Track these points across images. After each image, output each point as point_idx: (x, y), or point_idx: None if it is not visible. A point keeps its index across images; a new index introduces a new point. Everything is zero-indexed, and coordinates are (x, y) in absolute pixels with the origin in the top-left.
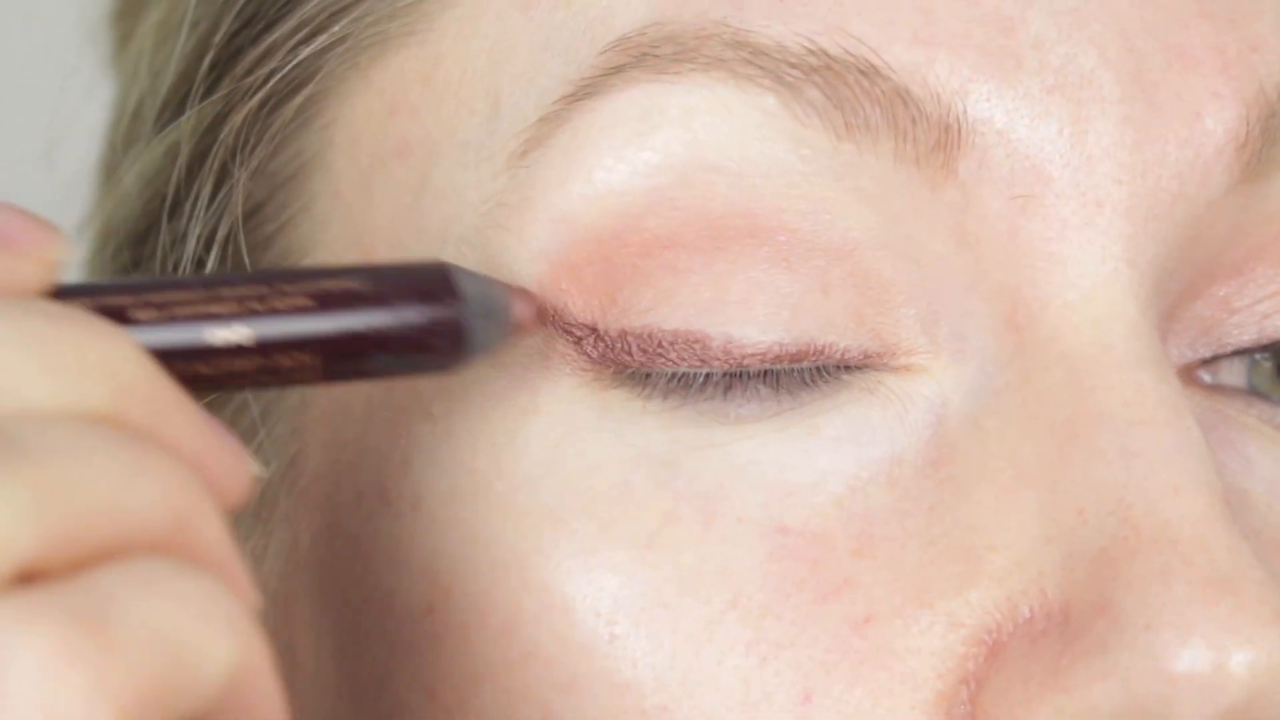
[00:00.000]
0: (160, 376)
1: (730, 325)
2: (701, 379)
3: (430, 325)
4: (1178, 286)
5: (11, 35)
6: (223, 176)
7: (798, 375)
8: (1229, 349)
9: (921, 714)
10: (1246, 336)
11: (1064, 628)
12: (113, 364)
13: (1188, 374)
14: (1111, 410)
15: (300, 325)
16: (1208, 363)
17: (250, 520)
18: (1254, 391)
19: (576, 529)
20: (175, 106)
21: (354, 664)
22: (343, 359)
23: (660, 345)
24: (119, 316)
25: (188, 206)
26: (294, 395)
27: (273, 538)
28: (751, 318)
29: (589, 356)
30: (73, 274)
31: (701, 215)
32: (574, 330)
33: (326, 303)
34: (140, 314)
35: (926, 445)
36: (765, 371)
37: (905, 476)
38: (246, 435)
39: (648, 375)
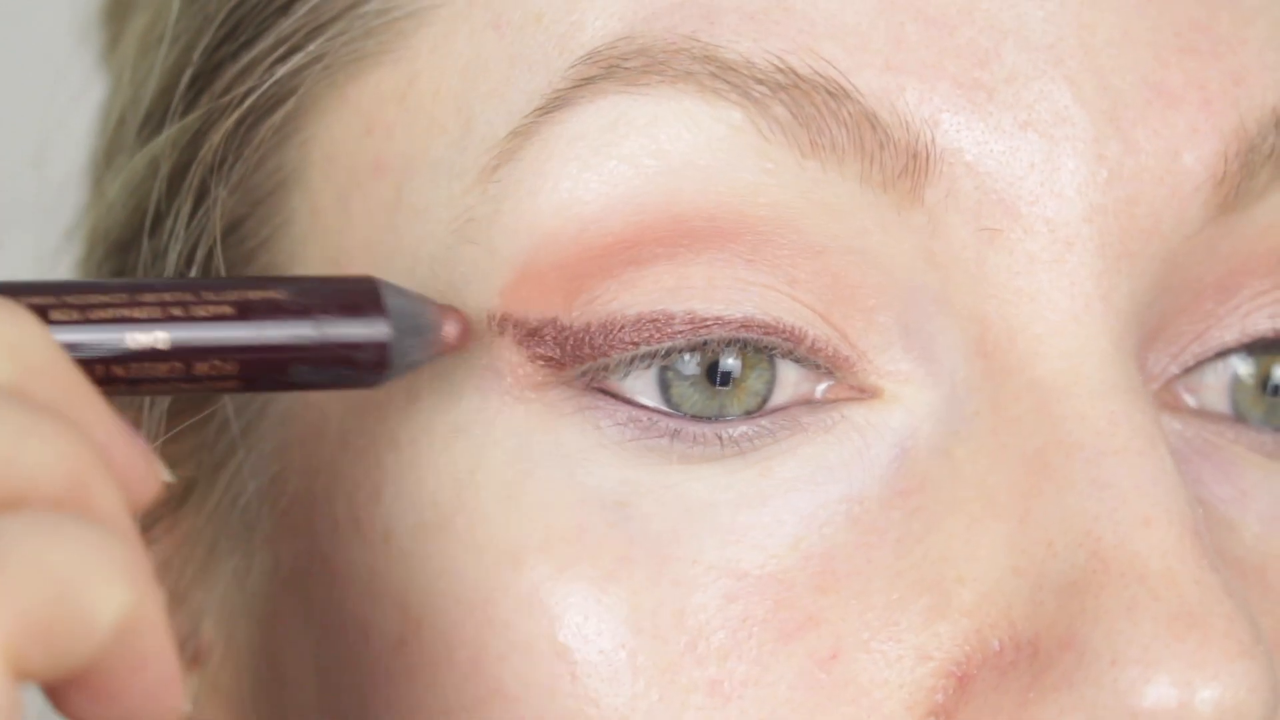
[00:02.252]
0: (68, 366)
1: (694, 302)
2: (651, 424)
3: (352, 340)
4: (1158, 311)
5: (3, 34)
6: (203, 193)
7: (752, 425)
8: (1211, 352)
9: None
10: (1229, 336)
11: (1033, 660)
12: (19, 344)
13: (1169, 394)
14: (1082, 440)
15: (219, 333)
16: (1190, 372)
17: (233, 538)
18: (1238, 417)
19: (534, 568)
20: (157, 119)
21: (334, 687)
22: (261, 369)
23: (621, 328)
24: (38, 316)
25: (168, 223)
26: (275, 414)
27: (255, 556)
28: (715, 298)
29: (545, 361)
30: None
31: (665, 218)
32: (533, 331)
33: (248, 312)
34: (58, 314)
35: (893, 477)
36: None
37: (868, 512)
38: (226, 453)
39: (602, 394)
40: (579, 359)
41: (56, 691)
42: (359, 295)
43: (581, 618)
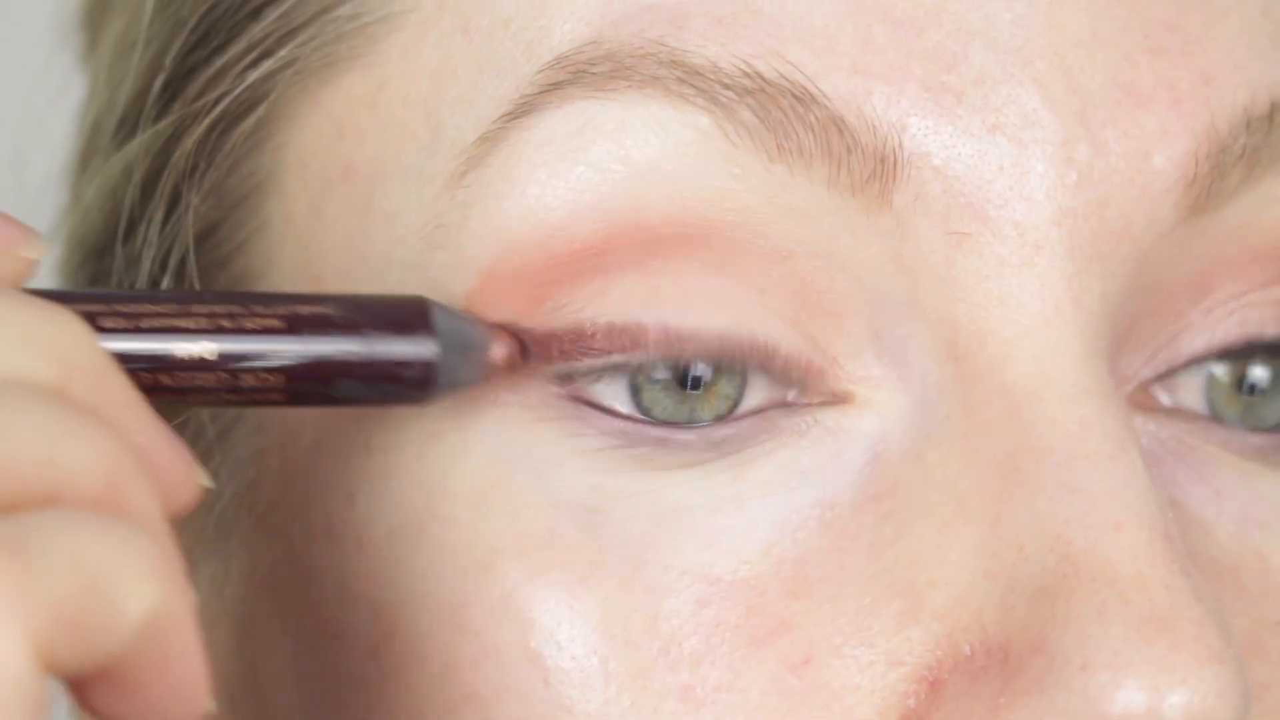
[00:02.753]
0: (112, 369)
1: (667, 316)
2: (626, 431)
3: (400, 357)
4: (1130, 312)
5: None
6: (175, 199)
7: (730, 427)
8: (1184, 358)
9: None
10: (1199, 343)
11: (1004, 665)
12: (64, 346)
13: (1144, 395)
14: (1053, 444)
15: (267, 345)
16: (1164, 376)
17: (209, 544)
18: (1213, 417)
19: (506, 573)
20: (131, 124)
21: (311, 693)
22: (308, 382)
23: (591, 335)
24: (88, 322)
25: (142, 229)
26: (251, 420)
27: (233, 562)
28: (689, 309)
29: (515, 361)
30: (45, 279)
31: (632, 224)
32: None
33: (297, 326)
34: (108, 322)
35: (865, 481)
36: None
37: (841, 516)
38: (203, 457)
39: (575, 401)
40: (545, 359)
41: (82, 686)
42: (408, 314)
43: (554, 624)
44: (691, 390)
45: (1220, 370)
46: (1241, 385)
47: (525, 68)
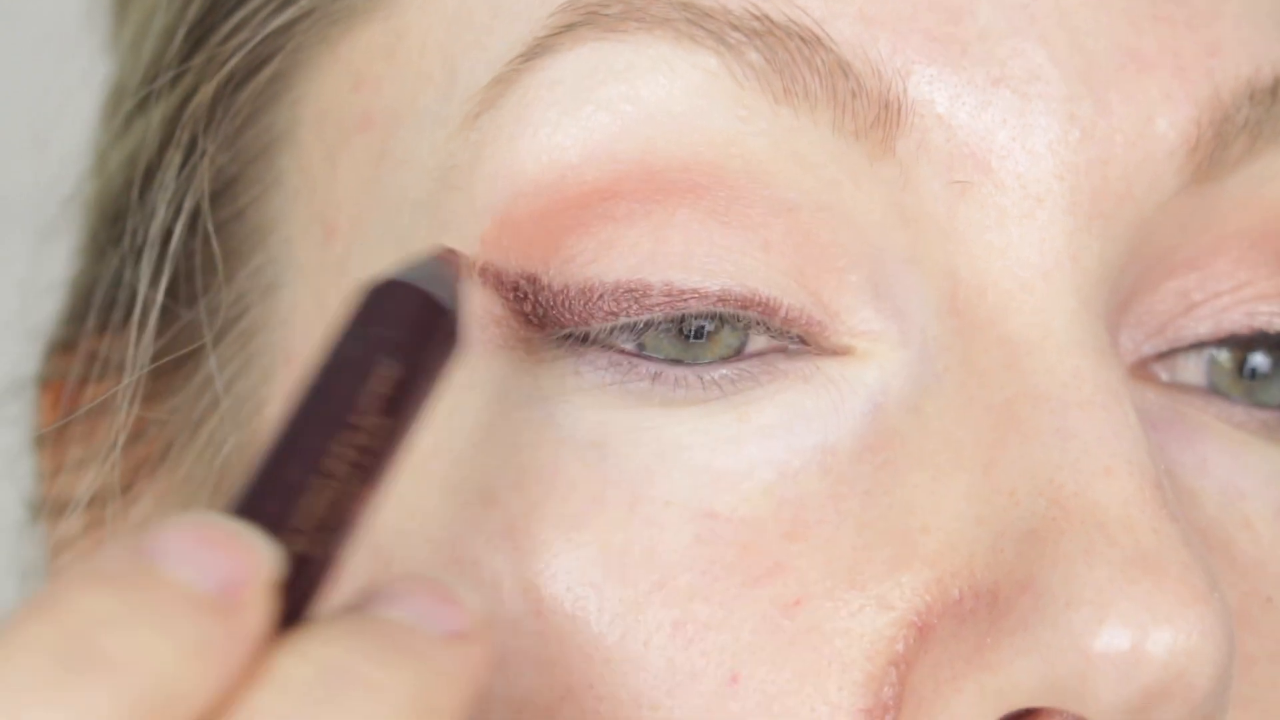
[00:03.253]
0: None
1: (671, 272)
2: (631, 368)
3: (443, 345)
4: (1130, 281)
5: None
6: (191, 149)
7: (731, 368)
8: (1186, 342)
9: (849, 694)
10: (1203, 329)
11: (991, 608)
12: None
13: (1142, 369)
14: (1048, 392)
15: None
16: (1165, 357)
17: (210, 495)
18: (1213, 390)
19: (506, 507)
20: (152, 79)
21: None
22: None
23: (600, 296)
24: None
25: (158, 178)
26: (258, 370)
27: None
28: (693, 267)
29: (526, 318)
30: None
31: (640, 167)
32: (515, 287)
33: (395, 406)
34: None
35: (864, 431)
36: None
37: (839, 463)
38: (207, 409)
39: (582, 343)
40: (559, 322)
41: None
42: (410, 309)
43: (550, 555)
44: (695, 340)
45: (1223, 355)
46: (1243, 370)
47: (538, 10)
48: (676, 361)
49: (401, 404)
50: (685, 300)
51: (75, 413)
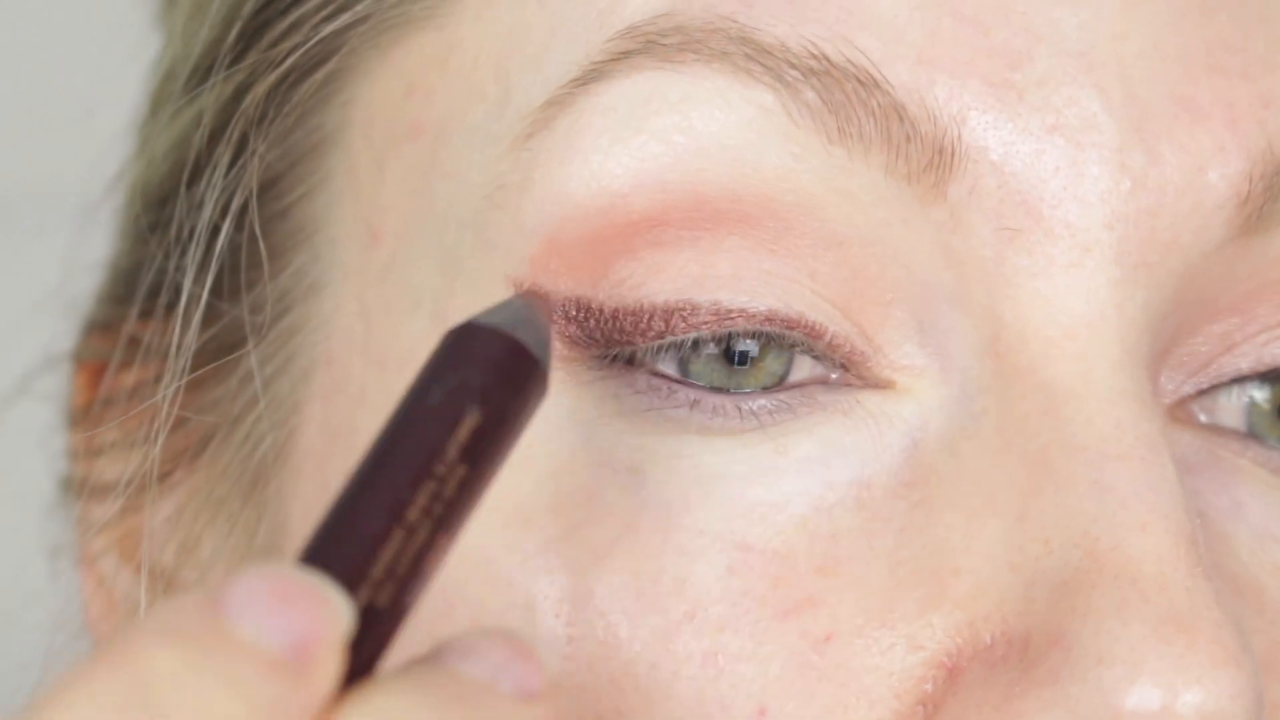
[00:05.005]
0: None
1: (719, 293)
2: (671, 393)
3: (530, 393)
4: (1172, 327)
5: None
6: (242, 146)
7: (770, 398)
8: (1226, 378)
9: None
10: (1244, 364)
11: (1023, 656)
12: None
13: (1182, 410)
14: (1086, 442)
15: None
16: (1204, 394)
17: (245, 492)
18: (1251, 434)
19: (542, 529)
20: (204, 73)
21: None
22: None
23: (649, 318)
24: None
25: (207, 174)
26: (297, 370)
27: (266, 510)
28: (740, 290)
29: (571, 340)
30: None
31: (689, 196)
32: (562, 309)
33: (481, 456)
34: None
35: (901, 467)
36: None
37: (875, 498)
38: (246, 406)
39: (626, 366)
40: (605, 343)
41: None
42: (499, 353)
43: (585, 580)
44: (739, 365)
45: (1261, 395)
46: None
47: (596, 35)
48: (717, 390)
49: (487, 454)
50: (732, 319)
51: (116, 397)
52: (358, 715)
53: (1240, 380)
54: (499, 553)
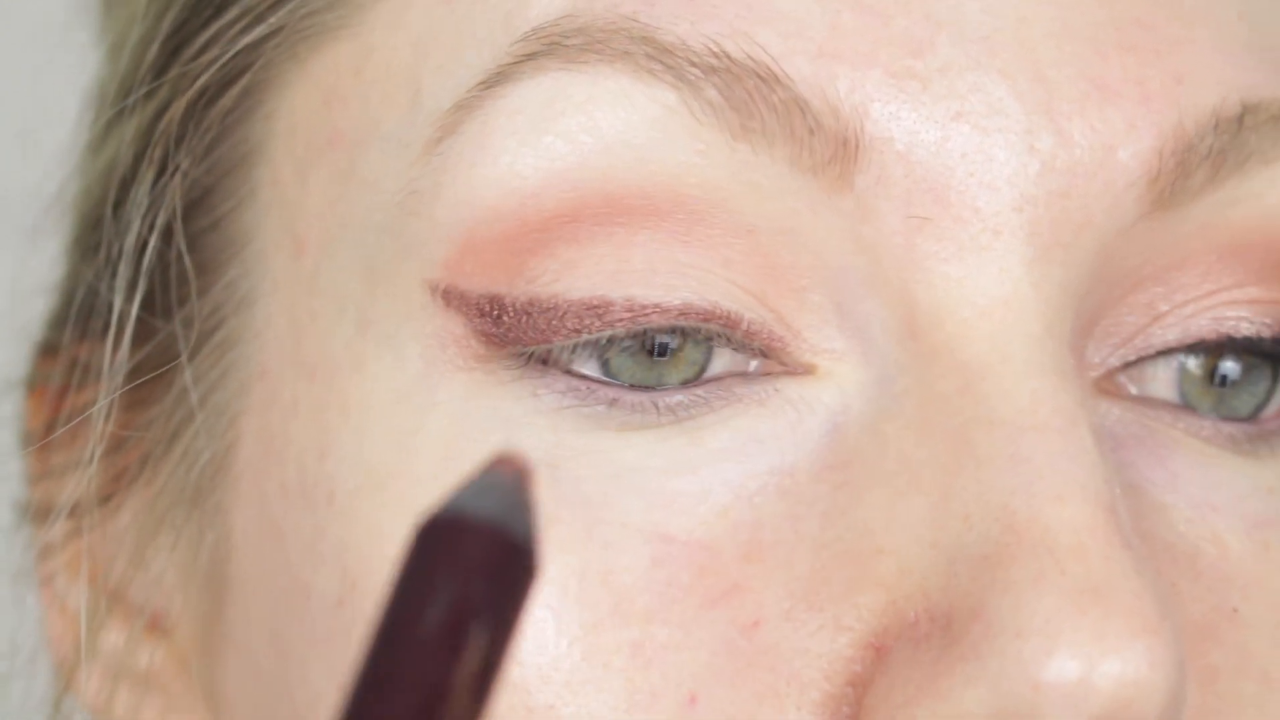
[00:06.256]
0: None
1: (634, 288)
2: (590, 392)
3: (527, 584)
4: (1094, 301)
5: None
6: (164, 166)
7: (687, 393)
8: (1154, 350)
9: (807, 714)
10: (1171, 336)
11: (946, 632)
12: None
13: (1111, 383)
14: (1004, 416)
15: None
16: (1133, 366)
17: (186, 508)
18: (1184, 405)
19: None
20: (127, 92)
21: (281, 654)
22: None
23: (563, 314)
24: None
25: (133, 192)
26: (233, 385)
27: (208, 524)
28: (655, 284)
29: (487, 338)
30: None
31: (599, 194)
32: (477, 307)
33: (487, 672)
34: None
35: (823, 451)
36: (648, 388)
37: (798, 484)
38: (182, 423)
39: (543, 365)
40: (521, 341)
41: None
42: (486, 550)
43: None
44: (658, 358)
45: (1192, 362)
46: (1213, 377)
47: (502, 38)
48: (635, 387)
49: (493, 668)
50: (647, 315)
51: (56, 420)
52: None
53: (1168, 353)
54: None
